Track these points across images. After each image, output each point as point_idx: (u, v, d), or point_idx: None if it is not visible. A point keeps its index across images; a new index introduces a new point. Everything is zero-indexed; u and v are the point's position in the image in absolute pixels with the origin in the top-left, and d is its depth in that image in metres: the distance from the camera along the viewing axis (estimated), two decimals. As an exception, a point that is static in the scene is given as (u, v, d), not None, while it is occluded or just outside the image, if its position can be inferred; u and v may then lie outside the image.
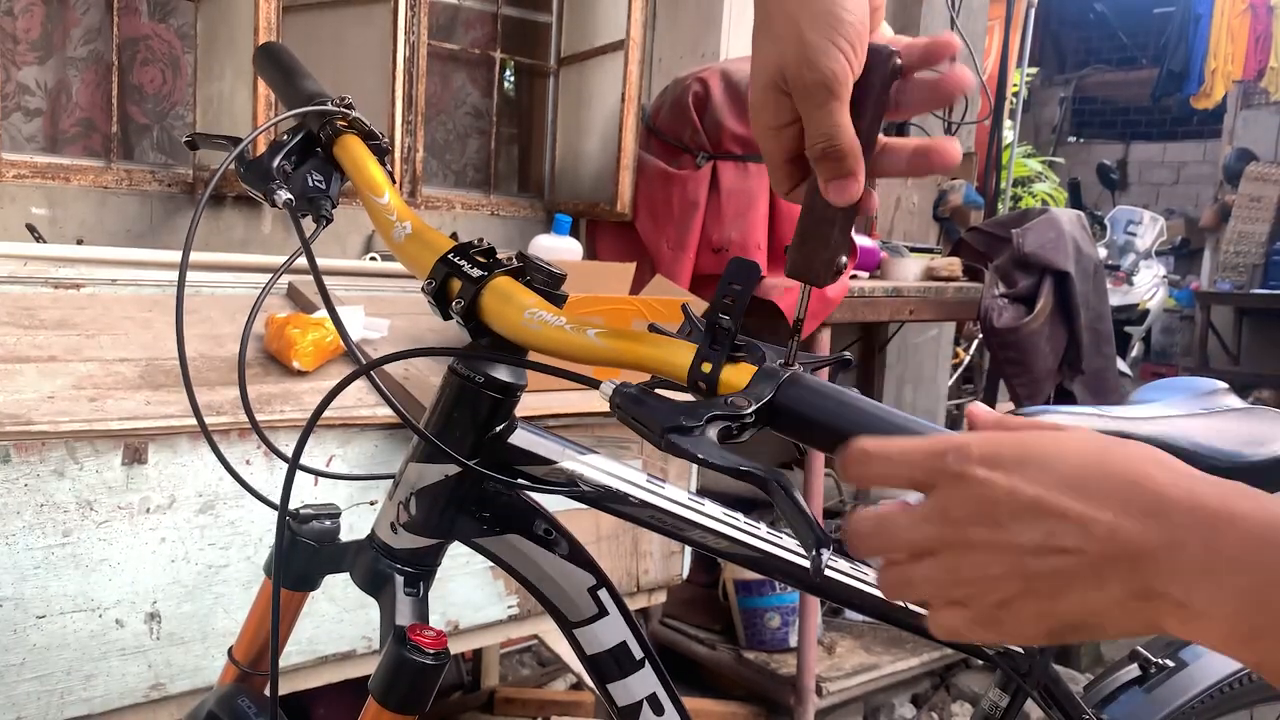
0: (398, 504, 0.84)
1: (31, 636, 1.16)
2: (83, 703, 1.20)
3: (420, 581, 0.84)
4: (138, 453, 1.20)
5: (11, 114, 2.10)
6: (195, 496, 1.25)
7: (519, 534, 0.84)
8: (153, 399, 1.25)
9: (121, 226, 2.10)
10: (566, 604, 0.86)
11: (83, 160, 2.11)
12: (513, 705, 2.41)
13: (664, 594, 1.80)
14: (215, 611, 1.28)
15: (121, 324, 1.44)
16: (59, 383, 1.23)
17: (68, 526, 1.17)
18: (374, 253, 2.29)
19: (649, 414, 0.58)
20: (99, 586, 1.20)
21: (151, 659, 1.25)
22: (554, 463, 0.84)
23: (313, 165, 0.87)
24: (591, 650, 0.87)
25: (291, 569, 0.91)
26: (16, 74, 2.11)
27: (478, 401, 0.81)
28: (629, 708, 0.87)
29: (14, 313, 1.39)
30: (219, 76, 2.10)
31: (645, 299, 1.68)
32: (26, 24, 2.12)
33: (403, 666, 0.78)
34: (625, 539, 1.69)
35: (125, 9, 2.17)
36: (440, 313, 0.76)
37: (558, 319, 0.69)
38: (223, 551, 1.28)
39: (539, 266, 0.76)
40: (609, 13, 2.53)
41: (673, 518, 0.85)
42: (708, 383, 0.61)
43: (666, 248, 2.43)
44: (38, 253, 1.55)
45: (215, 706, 0.92)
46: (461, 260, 0.75)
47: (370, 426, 1.37)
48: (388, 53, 2.30)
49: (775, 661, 2.49)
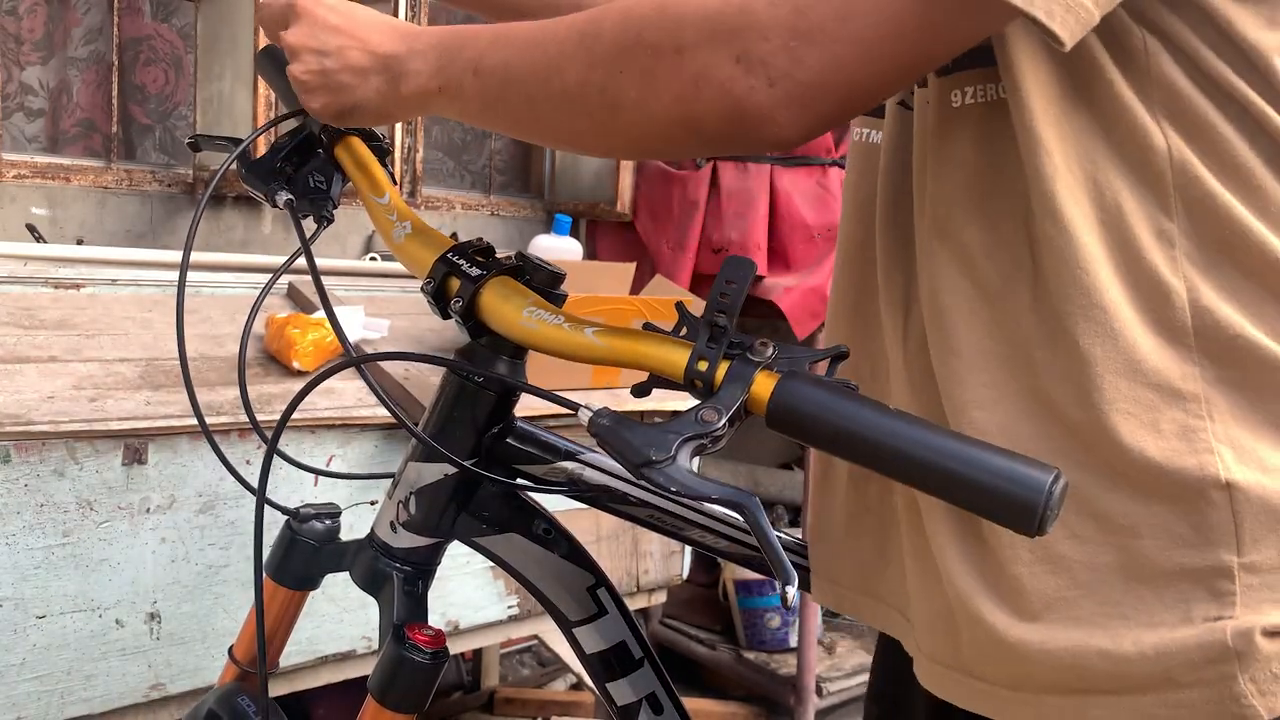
0: (397, 503, 0.84)
1: (31, 636, 1.16)
2: (83, 703, 1.20)
3: (419, 581, 0.84)
4: (138, 453, 1.21)
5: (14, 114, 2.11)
6: (195, 496, 1.25)
7: (518, 533, 0.84)
8: (153, 399, 1.25)
9: (121, 227, 2.10)
10: (566, 603, 0.86)
11: (83, 160, 2.12)
12: (513, 705, 2.41)
13: (664, 594, 1.80)
14: (215, 611, 1.28)
15: (121, 324, 1.44)
16: (59, 383, 1.23)
17: (68, 526, 1.17)
18: (374, 253, 2.29)
19: (623, 446, 0.58)
20: (99, 586, 1.20)
21: (151, 659, 1.25)
22: (553, 462, 0.84)
23: (314, 166, 0.88)
24: (591, 650, 0.87)
25: (292, 568, 0.91)
26: (20, 74, 2.12)
27: (477, 401, 0.81)
28: (628, 707, 0.87)
29: (14, 313, 1.39)
30: (219, 77, 2.11)
31: (645, 299, 1.68)
32: (30, 24, 2.12)
33: (401, 665, 0.79)
34: (625, 539, 1.69)
35: (126, 9, 2.17)
36: (439, 312, 0.76)
37: (555, 318, 0.69)
38: (223, 551, 1.28)
39: (538, 266, 0.76)
40: (609, 13, 2.53)
41: (673, 518, 0.85)
42: (704, 381, 0.61)
43: (666, 248, 2.43)
44: (38, 253, 1.55)
45: (215, 706, 0.92)
46: (460, 260, 0.75)
47: (370, 426, 1.37)
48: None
49: (775, 661, 2.49)
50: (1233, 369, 0.59)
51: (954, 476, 0.53)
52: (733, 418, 0.59)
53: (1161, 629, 0.58)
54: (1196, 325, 0.59)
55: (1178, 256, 0.59)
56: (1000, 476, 0.52)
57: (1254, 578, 0.57)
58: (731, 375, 0.60)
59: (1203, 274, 0.59)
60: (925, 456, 0.54)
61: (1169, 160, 0.58)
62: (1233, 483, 0.57)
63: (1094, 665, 0.59)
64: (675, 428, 0.58)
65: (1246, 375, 0.59)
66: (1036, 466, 0.53)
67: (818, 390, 0.58)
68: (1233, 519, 0.57)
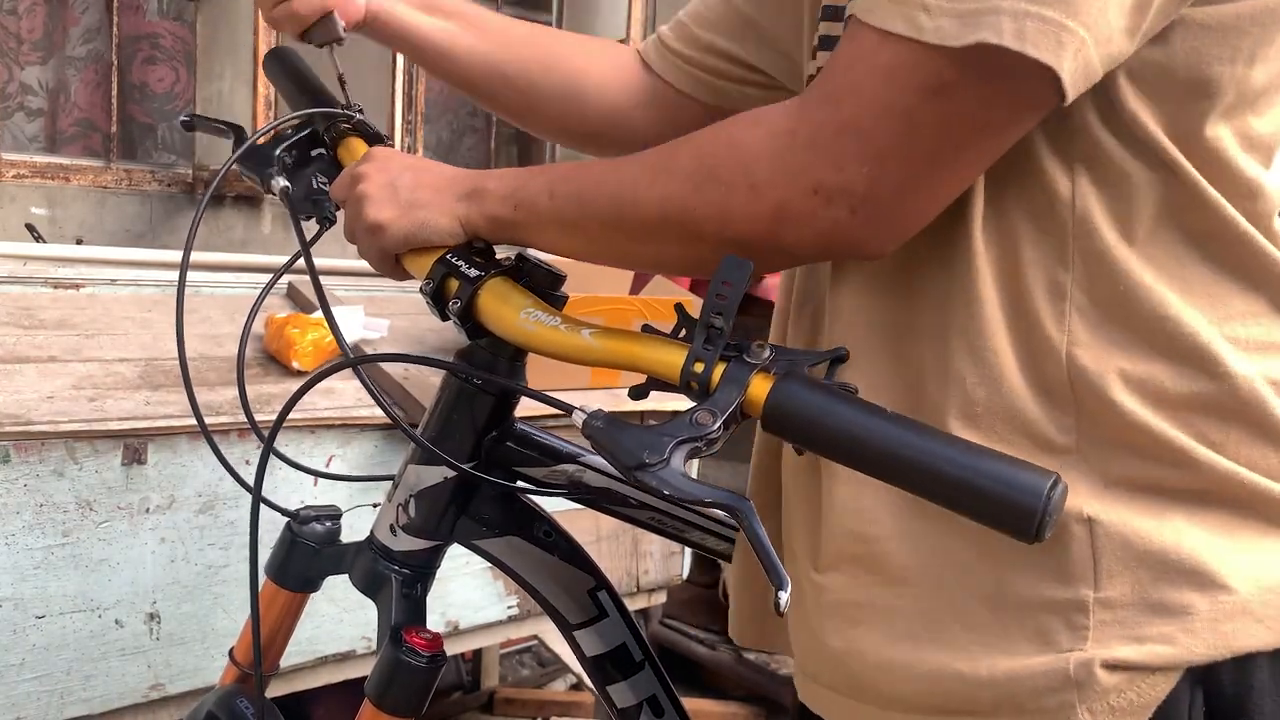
0: (397, 506, 0.84)
1: (31, 636, 1.16)
2: (82, 703, 1.20)
3: (418, 583, 0.84)
4: (137, 453, 1.20)
5: (14, 114, 2.10)
6: (195, 496, 1.25)
7: (519, 536, 0.84)
8: (152, 399, 1.25)
9: (121, 226, 2.10)
10: (566, 606, 0.86)
11: (82, 160, 2.12)
12: (512, 705, 2.41)
13: (664, 594, 1.80)
14: (215, 612, 1.28)
15: (121, 324, 1.44)
16: (59, 383, 1.23)
17: (67, 526, 1.17)
18: (374, 252, 2.28)
19: (616, 448, 0.58)
20: (98, 586, 1.20)
21: (151, 659, 1.25)
22: (553, 464, 0.83)
23: (317, 167, 0.87)
24: (591, 652, 0.87)
25: (292, 570, 0.91)
26: (19, 74, 2.11)
27: (476, 403, 0.81)
28: (629, 710, 0.87)
29: (14, 313, 1.39)
30: (219, 76, 2.11)
31: (645, 299, 1.68)
32: (30, 24, 2.12)
33: (398, 668, 0.78)
34: (625, 539, 1.69)
35: (124, 7, 2.17)
36: (438, 313, 0.76)
37: (553, 319, 0.69)
38: (222, 551, 1.28)
39: (537, 267, 0.76)
40: (609, 13, 2.53)
41: (673, 518, 0.85)
42: (699, 383, 0.60)
43: (667, 247, 2.42)
44: (37, 253, 1.55)
45: (215, 707, 0.92)
46: (459, 260, 0.75)
47: (370, 427, 1.37)
48: (388, 53, 2.31)
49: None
50: (1106, 426, 0.59)
51: (952, 481, 0.53)
52: (728, 420, 0.59)
53: (1015, 657, 0.60)
54: (1075, 381, 0.59)
55: (1067, 310, 0.59)
56: (998, 482, 0.52)
57: (1108, 613, 0.58)
58: (728, 377, 0.60)
59: (1091, 329, 0.59)
60: (923, 461, 0.54)
61: (1072, 210, 0.59)
62: (1094, 518, 0.58)
63: (951, 688, 0.61)
64: (669, 430, 0.58)
65: (1119, 434, 0.59)
66: (1035, 472, 0.52)
67: (814, 393, 0.57)
68: (1092, 554, 0.59)
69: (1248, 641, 0.58)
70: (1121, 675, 0.58)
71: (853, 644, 0.65)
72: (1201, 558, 0.58)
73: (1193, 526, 0.59)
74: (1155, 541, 0.58)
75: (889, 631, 0.64)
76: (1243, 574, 0.58)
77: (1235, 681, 0.59)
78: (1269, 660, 0.59)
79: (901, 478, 0.55)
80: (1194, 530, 0.59)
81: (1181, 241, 0.59)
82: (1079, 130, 0.58)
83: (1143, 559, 0.58)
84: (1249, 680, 0.59)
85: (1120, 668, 0.58)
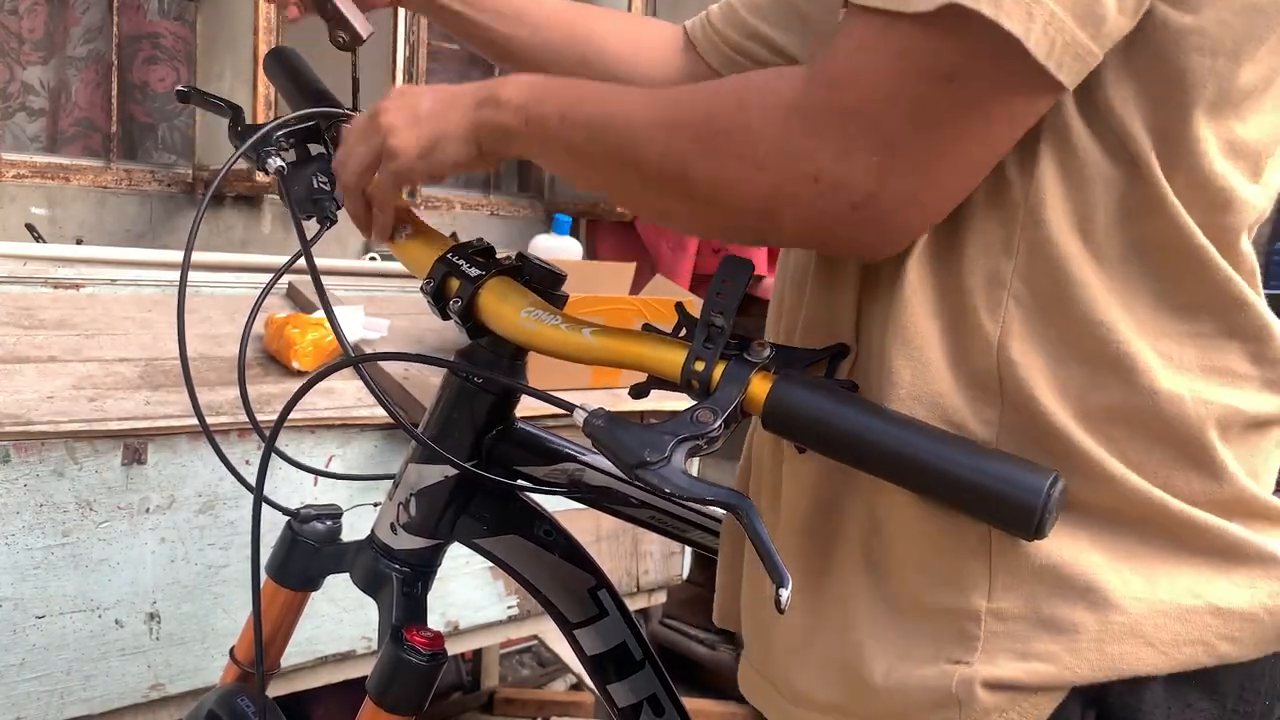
0: (397, 505, 0.84)
1: (31, 636, 1.16)
2: (82, 703, 1.20)
3: (419, 582, 0.84)
4: (137, 453, 1.20)
5: (15, 114, 2.11)
6: (195, 496, 1.25)
7: (519, 535, 0.84)
8: (152, 399, 1.25)
9: (121, 226, 2.10)
10: (567, 605, 0.86)
11: (82, 160, 2.12)
12: (513, 705, 2.41)
13: (664, 594, 1.80)
14: (215, 611, 1.28)
15: (121, 324, 1.44)
16: (59, 383, 1.23)
17: (67, 526, 1.17)
18: (374, 252, 2.29)
19: (617, 447, 0.58)
20: (98, 586, 1.20)
21: (151, 659, 1.25)
22: (554, 463, 0.84)
23: (318, 167, 0.87)
24: (592, 651, 0.87)
25: (293, 569, 0.91)
26: (21, 74, 2.11)
27: (476, 402, 0.81)
28: (629, 708, 0.87)
29: (14, 313, 1.39)
30: (219, 76, 2.11)
31: (645, 299, 1.68)
32: (31, 23, 2.12)
33: (399, 667, 0.79)
34: (625, 539, 1.69)
35: (125, 7, 2.17)
36: (438, 312, 0.76)
37: (553, 318, 0.69)
38: (222, 551, 1.28)
39: (538, 266, 0.76)
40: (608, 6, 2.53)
41: (673, 518, 0.85)
42: (700, 382, 0.61)
43: (666, 248, 2.43)
44: (37, 253, 1.55)
45: (216, 705, 0.92)
46: (460, 260, 0.75)
47: (370, 426, 1.37)
48: (388, 53, 2.31)
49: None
50: (1028, 427, 0.57)
51: (951, 479, 0.53)
52: (729, 419, 0.59)
53: (909, 663, 0.59)
54: (1003, 373, 0.57)
55: (1004, 300, 0.57)
56: (998, 479, 0.52)
57: (999, 625, 0.57)
58: (728, 376, 0.60)
59: (1024, 322, 0.57)
60: (923, 459, 0.54)
61: (1025, 197, 0.56)
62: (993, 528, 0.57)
63: (853, 689, 0.61)
64: (670, 428, 0.58)
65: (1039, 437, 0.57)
66: (1034, 470, 0.53)
67: (814, 392, 0.57)
68: (989, 563, 0.58)
69: (1135, 665, 0.56)
70: (1003, 695, 0.56)
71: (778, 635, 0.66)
72: (1098, 575, 0.56)
73: (1095, 542, 0.57)
74: (1054, 555, 0.56)
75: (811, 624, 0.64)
76: (1136, 596, 0.56)
77: (1124, 705, 0.57)
78: (1163, 685, 0.57)
79: (900, 475, 0.55)
80: (1095, 546, 0.57)
81: (1132, 246, 0.57)
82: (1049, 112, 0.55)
83: (1039, 573, 0.57)
84: (1139, 704, 0.57)
85: (1001, 687, 0.56)
